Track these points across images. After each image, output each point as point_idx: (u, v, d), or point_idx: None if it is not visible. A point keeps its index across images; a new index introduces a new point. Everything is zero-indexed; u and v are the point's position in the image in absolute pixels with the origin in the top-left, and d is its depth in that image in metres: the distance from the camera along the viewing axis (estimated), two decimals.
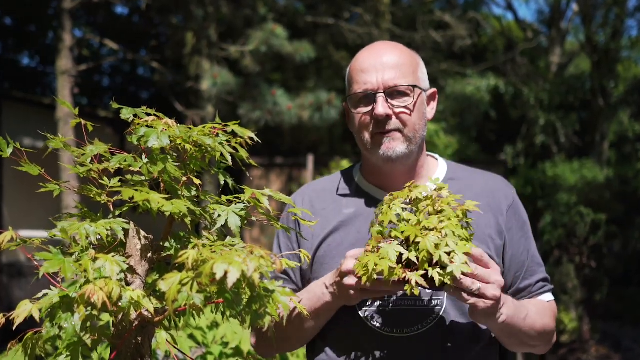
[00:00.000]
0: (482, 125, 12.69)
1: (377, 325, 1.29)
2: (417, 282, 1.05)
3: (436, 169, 1.44)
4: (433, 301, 1.29)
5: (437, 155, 1.49)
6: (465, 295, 1.12)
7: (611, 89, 11.02)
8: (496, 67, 12.69)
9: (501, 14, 23.62)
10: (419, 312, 1.28)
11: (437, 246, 1.04)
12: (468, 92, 10.91)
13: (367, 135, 1.34)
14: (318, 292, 1.27)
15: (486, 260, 1.16)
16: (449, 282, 1.05)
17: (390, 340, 1.28)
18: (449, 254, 1.04)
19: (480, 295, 1.13)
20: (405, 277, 1.06)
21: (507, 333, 1.26)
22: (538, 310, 1.33)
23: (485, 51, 14.04)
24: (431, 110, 1.42)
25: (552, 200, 8.30)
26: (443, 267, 1.05)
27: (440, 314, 1.29)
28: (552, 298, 1.41)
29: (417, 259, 1.05)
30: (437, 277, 1.04)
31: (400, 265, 1.07)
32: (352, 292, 1.18)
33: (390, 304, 1.29)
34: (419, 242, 1.05)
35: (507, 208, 1.37)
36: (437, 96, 1.44)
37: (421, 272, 1.06)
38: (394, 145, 1.31)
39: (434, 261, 1.05)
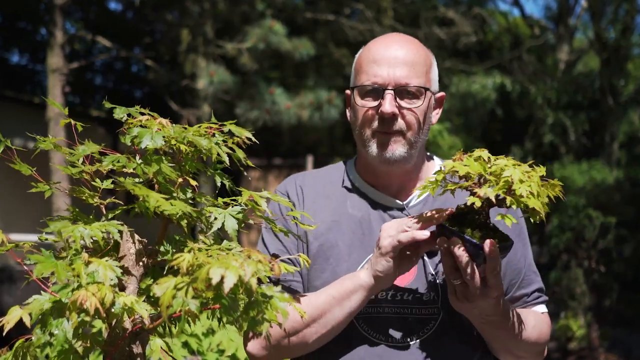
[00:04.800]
0: (488, 125, 12.60)
1: (371, 332, 1.26)
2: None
3: (433, 171, 1.39)
4: (429, 310, 1.25)
5: (435, 157, 1.44)
6: (453, 277, 1.12)
7: (621, 88, 10.89)
8: (502, 65, 12.62)
9: (507, 10, 23.32)
10: (414, 321, 1.25)
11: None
12: (473, 91, 10.86)
13: (368, 132, 1.28)
14: (351, 275, 1.22)
15: (493, 271, 1.10)
16: (513, 205, 1.04)
17: (382, 348, 1.24)
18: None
19: (456, 290, 1.13)
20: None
21: (490, 334, 1.23)
22: (535, 321, 1.30)
23: (491, 48, 13.98)
24: (436, 115, 1.36)
25: (560, 202, 8.16)
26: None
27: (437, 324, 1.25)
28: (546, 310, 1.37)
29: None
30: (492, 195, 1.03)
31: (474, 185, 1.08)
32: (394, 244, 1.14)
33: (385, 312, 1.25)
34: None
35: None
36: (444, 101, 1.38)
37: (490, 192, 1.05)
38: (394, 148, 1.26)
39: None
